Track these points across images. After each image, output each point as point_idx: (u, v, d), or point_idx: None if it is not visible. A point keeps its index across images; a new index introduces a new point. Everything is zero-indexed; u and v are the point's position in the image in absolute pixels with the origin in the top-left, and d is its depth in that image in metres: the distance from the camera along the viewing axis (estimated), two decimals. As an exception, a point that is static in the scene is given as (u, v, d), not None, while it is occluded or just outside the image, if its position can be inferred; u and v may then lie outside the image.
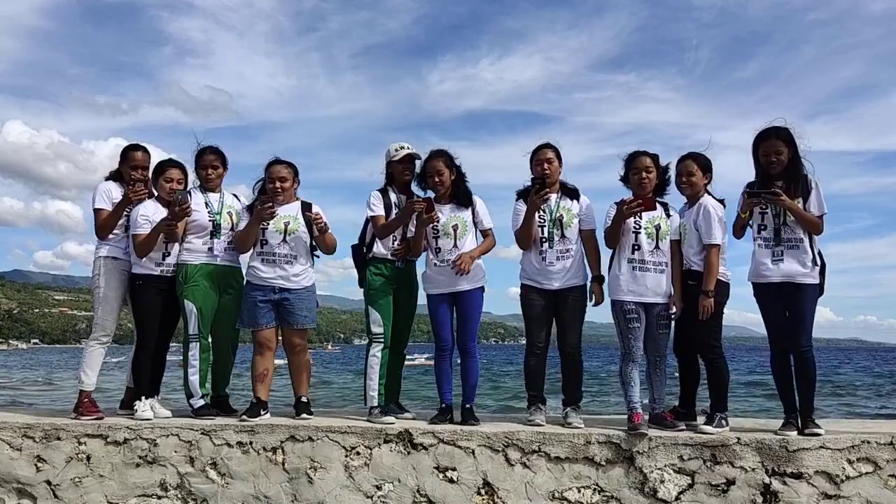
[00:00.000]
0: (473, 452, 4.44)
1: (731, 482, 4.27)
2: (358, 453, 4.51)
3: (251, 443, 4.56)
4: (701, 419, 4.68)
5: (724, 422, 4.48)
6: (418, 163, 5.03)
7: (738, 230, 4.64)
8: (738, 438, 4.31)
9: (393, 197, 5.04)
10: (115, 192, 5.07)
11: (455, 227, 4.81)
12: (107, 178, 5.22)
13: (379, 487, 4.45)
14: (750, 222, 4.60)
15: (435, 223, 4.75)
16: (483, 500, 4.40)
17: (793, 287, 4.47)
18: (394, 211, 4.97)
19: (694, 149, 4.79)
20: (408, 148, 5.04)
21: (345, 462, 4.50)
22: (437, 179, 4.82)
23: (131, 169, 5.09)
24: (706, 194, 4.69)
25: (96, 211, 5.07)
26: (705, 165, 4.67)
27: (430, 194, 4.89)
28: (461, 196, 4.88)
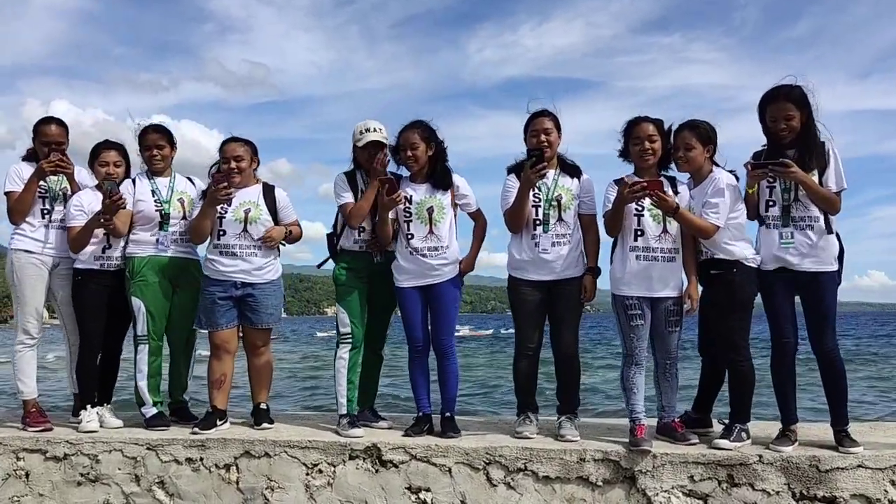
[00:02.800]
0: (450, 471, 3.85)
1: (750, 507, 3.63)
2: (320, 471, 3.96)
3: (202, 459, 4.04)
4: (714, 428, 4.03)
5: (743, 434, 3.81)
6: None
7: (752, 210, 3.92)
8: (760, 456, 3.64)
9: (360, 182, 4.40)
10: (27, 171, 4.48)
11: (430, 211, 4.18)
12: (23, 158, 4.63)
13: (344, 510, 3.91)
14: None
15: (406, 204, 4.13)
16: (462, 525, 3.83)
17: (808, 276, 3.77)
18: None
19: (741, 111, 4.00)
20: (374, 131, 4.33)
21: (305, 481, 3.96)
22: (409, 154, 4.16)
23: (41, 145, 4.49)
24: (714, 167, 3.97)
25: (7, 194, 4.49)
26: (706, 136, 3.91)
27: (403, 173, 4.27)
28: (439, 175, 4.22)
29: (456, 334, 4.37)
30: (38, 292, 4.46)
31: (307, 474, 3.96)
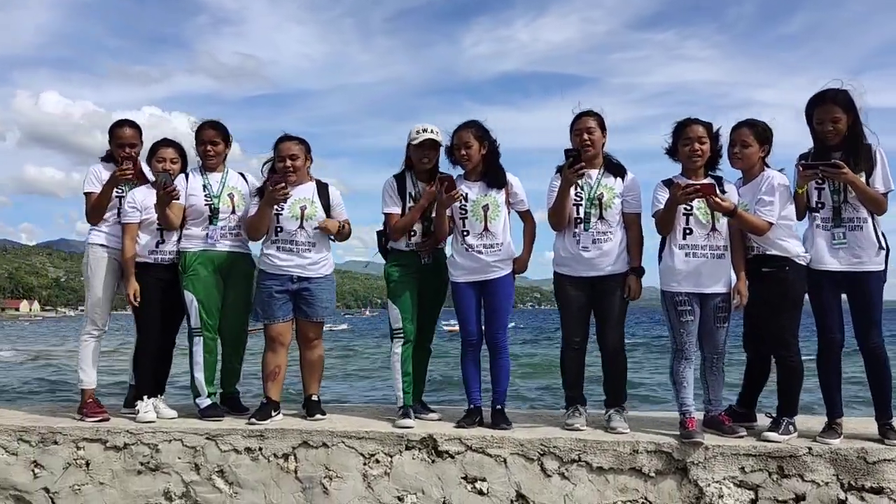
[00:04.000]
0: (505, 461, 3.96)
1: (800, 498, 3.74)
2: (377, 461, 4.07)
3: (260, 449, 4.14)
4: (758, 422, 4.13)
5: (791, 427, 3.92)
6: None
7: (801, 211, 4.03)
8: (810, 448, 3.76)
9: (410, 186, 4.51)
10: (105, 173, 4.65)
11: (486, 209, 4.28)
12: (102, 159, 4.82)
13: (401, 499, 4.01)
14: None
15: (462, 202, 4.23)
16: (516, 514, 3.94)
17: (856, 276, 3.88)
18: (409, 204, 4.47)
19: (734, 108, 4.12)
20: (431, 132, 4.42)
21: (363, 471, 4.06)
22: (463, 152, 4.27)
23: (117, 147, 4.67)
24: (765, 167, 4.07)
25: (86, 195, 4.68)
26: (763, 135, 4.02)
27: (458, 172, 4.38)
28: (493, 174, 4.33)
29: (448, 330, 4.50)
30: (108, 285, 4.61)
31: (364, 464, 4.06)
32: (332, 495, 4.05)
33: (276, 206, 4.42)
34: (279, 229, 4.48)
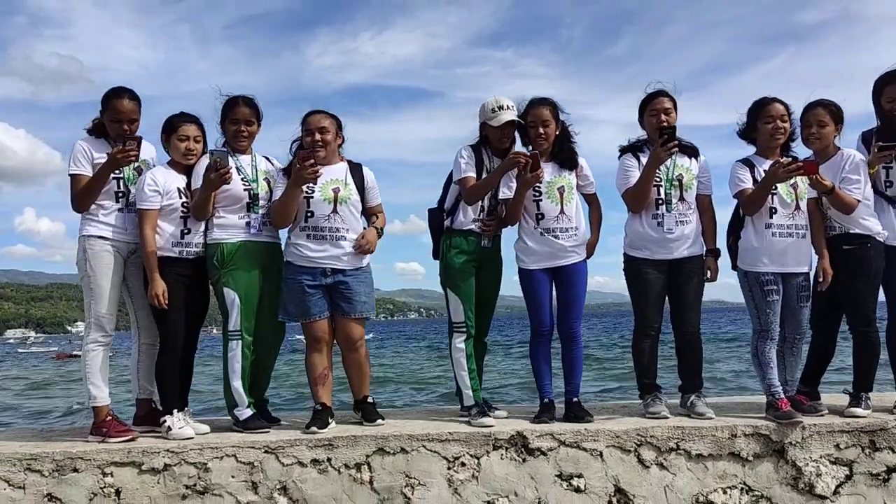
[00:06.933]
0: (601, 455, 3.75)
1: (892, 469, 3.79)
2: (463, 464, 3.74)
3: (329, 460, 3.70)
4: (819, 400, 4.18)
5: (869, 402, 4.00)
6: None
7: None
8: (898, 420, 3.83)
9: (486, 160, 4.18)
10: (97, 151, 3.97)
11: (561, 190, 4.06)
12: (89, 132, 4.08)
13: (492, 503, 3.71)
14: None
15: (538, 183, 3.99)
16: (616, 510, 3.74)
17: None
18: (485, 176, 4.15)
19: (574, 123, 4.21)
20: (508, 108, 4.10)
21: (448, 476, 3.72)
22: (541, 131, 4.03)
23: (113, 122, 3.96)
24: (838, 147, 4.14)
25: (73, 177, 3.95)
26: (837, 115, 4.08)
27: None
28: (567, 155, 4.12)
29: None
30: (114, 283, 3.93)
31: (449, 468, 3.72)
32: (414, 505, 3.68)
33: (305, 189, 3.98)
34: (310, 214, 4.03)
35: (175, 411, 3.91)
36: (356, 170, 4.20)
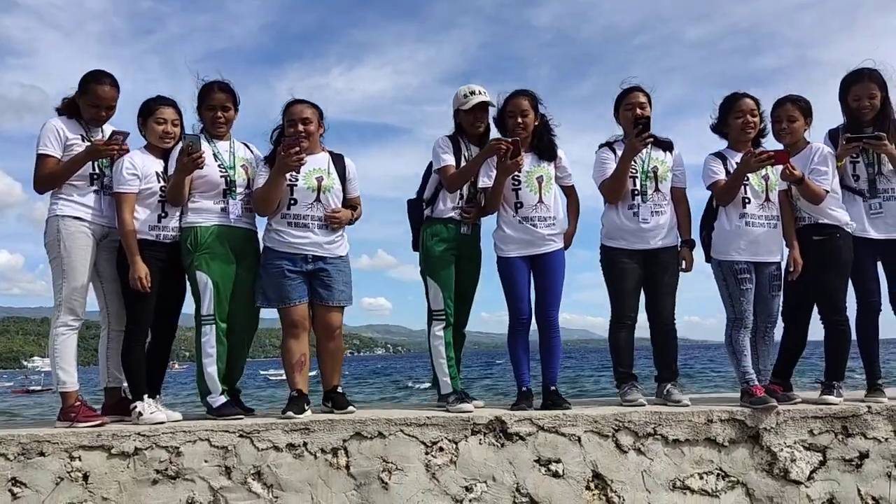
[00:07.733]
0: (580, 440, 3.75)
1: (864, 455, 3.84)
2: (441, 449, 3.70)
3: (305, 444, 3.64)
4: (800, 392, 4.23)
5: (841, 391, 4.07)
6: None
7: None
8: (870, 407, 3.89)
9: (463, 148, 4.23)
10: (71, 132, 3.92)
11: (540, 180, 4.11)
12: (59, 112, 4.00)
13: (470, 489, 3.67)
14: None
15: (517, 172, 4.03)
16: (594, 495, 3.72)
17: (890, 243, 4.14)
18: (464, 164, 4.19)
19: None
20: (479, 94, 4.18)
21: (425, 461, 3.68)
22: (520, 121, 4.09)
23: (92, 107, 3.93)
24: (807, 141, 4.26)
25: (40, 157, 3.86)
26: (806, 109, 4.21)
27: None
28: (546, 145, 4.18)
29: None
30: (87, 265, 3.85)
31: (427, 453, 3.69)
32: (391, 490, 3.62)
33: (289, 177, 3.98)
34: (293, 202, 4.03)
35: (145, 397, 3.83)
36: (338, 160, 4.22)
